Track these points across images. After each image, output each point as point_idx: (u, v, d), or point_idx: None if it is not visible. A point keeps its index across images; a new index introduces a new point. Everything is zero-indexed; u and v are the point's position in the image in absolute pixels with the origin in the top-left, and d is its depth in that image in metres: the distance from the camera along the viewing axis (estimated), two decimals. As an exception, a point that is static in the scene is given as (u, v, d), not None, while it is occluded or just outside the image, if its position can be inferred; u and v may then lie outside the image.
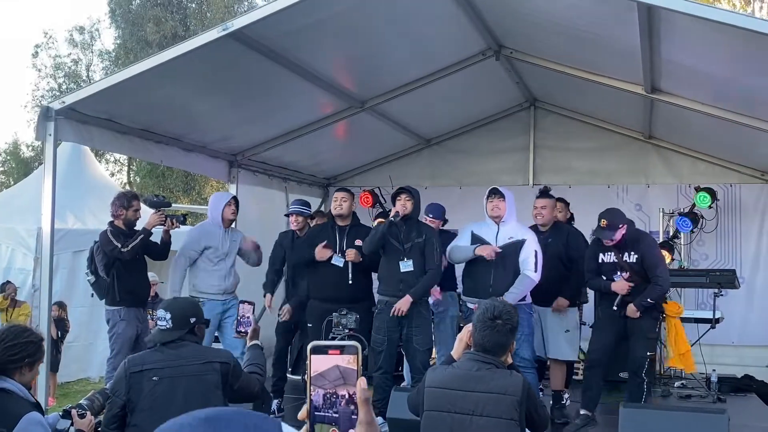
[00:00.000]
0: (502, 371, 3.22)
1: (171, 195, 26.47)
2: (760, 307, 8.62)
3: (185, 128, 7.06)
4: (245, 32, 5.49)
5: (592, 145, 9.35)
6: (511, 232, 6.08)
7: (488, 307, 3.27)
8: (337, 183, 10.26)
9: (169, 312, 3.68)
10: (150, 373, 3.50)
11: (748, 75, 5.73)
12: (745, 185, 8.82)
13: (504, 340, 3.24)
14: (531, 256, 5.98)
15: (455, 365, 3.30)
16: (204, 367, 3.57)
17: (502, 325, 3.22)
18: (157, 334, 3.68)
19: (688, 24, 4.83)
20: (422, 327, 5.97)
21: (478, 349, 3.25)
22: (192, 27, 27.69)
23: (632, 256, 6.07)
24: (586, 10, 5.45)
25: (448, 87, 7.69)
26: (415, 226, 6.15)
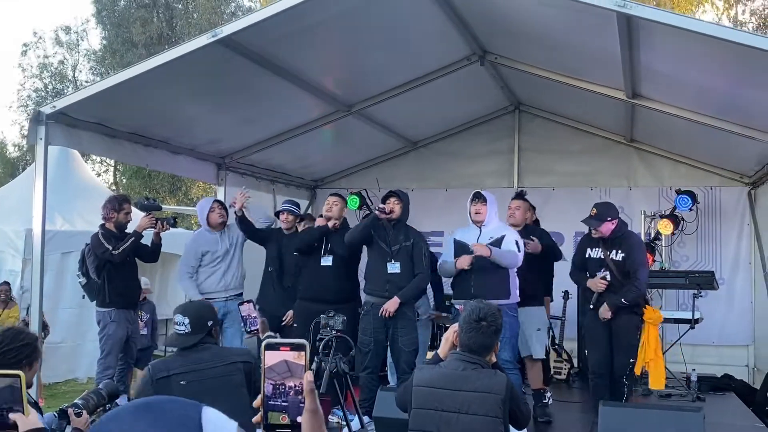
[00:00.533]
0: (487, 371, 3.35)
1: (157, 196, 26.45)
2: (739, 308, 8.80)
3: (174, 132, 7.16)
4: (234, 38, 5.59)
5: (575, 148, 9.50)
6: (491, 233, 6.19)
7: (474, 309, 3.40)
8: (324, 185, 10.38)
9: (187, 317, 3.71)
10: (178, 377, 3.54)
11: (726, 82, 5.89)
12: (725, 188, 8.99)
13: (488, 341, 3.37)
14: (512, 244, 6.09)
15: (442, 365, 3.42)
16: (228, 368, 3.62)
17: (487, 326, 3.35)
18: (176, 339, 3.71)
19: (666, 33, 4.97)
20: (407, 328, 6.08)
21: (464, 350, 3.38)
22: (178, 28, 27.69)
23: (619, 254, 6.15)
24: (567, 20, 5.57)
25: (434, 91, 7.81)
26: (403, 230, 6.25)
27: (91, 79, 30.18)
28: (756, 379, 8.47)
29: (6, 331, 3.22)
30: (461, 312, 3.52)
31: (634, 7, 4.70)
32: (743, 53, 4.72)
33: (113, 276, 6.31)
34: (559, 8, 5.19)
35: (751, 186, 8.79)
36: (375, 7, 5.79)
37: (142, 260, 6.76)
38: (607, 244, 6.21)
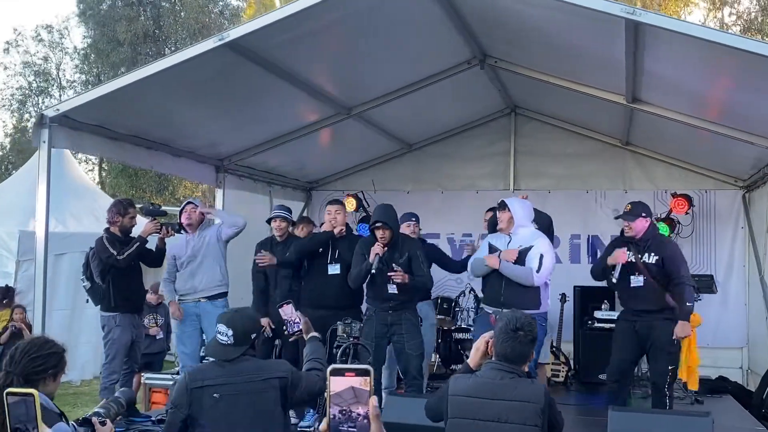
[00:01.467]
0: (525, 380, 3.37)
1: (144, 195, 26.32)
2: (733, 310, 8.89)
3: (175, 134, 7.16)
4: (239, 42, 5.60)
5: (570, 151, 9.56)
6: (521, 241, 6.06)
7: (510, 318, 3.41)
8: (319, 187, 10.39)
9: (232, 328, 3.61)
10: (211, 389, 3.49)
11: (725, 87, 5.97)
12: (719, 191, 9.08)
13: (525, 350, 3.39)
14: (536, 257, 5.95)
15: (478, 374, 3.43)
16: (263, 384, 3.54)
17: (524, 336, 3.37)
18: (218, 349, 3.64)
19: (671, 40, 5.02)
20: (412, 333, 6.06)
21: (501, 359, 3.39)
22: (165, 26, 27.53)
23: (653, 257, 6.01)
24: (573, 25, 5.61)
25: (432, 94, 7.84)
26: (397, 247, 6.13)
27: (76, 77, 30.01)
28: (750, 381, 8.57)
29: (35, 339, 3.21)
30: (493, 323, 3.52)
31: (643, 15, 4.75)
32: (743, 59, 4.78)
33: (118, 280, 6.29)
34: (566, 14, 5.21)
35: (746, 189, 8.88)
36: (378, 12, 5.81)
37: (146, 265, 6.75)
38: (638, 248, 6.06)
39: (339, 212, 6.61)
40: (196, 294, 6.85)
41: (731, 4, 26.79)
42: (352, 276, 6.19)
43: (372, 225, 6.17)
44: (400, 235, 6.27)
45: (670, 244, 6.29)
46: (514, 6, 5.65)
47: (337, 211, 6.60)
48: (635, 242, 6.08)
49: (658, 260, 5.99)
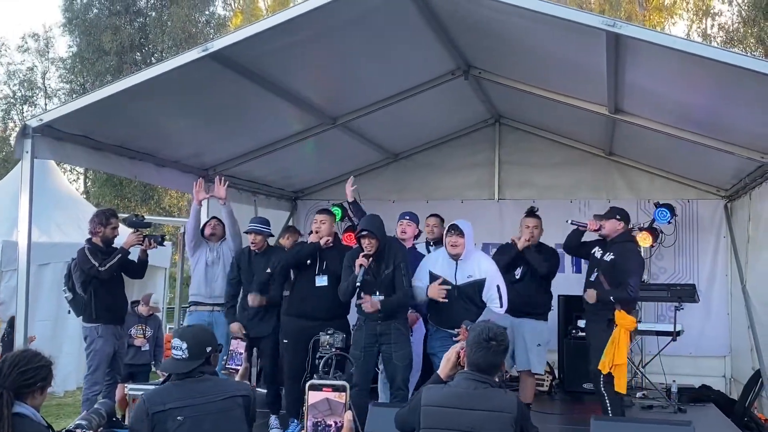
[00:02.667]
0: (497, 390, 3.39)
1: (129, 205, 26.26)
2: (716, 319, 8.95)
3: (159, 144, 7.14)
4: (223, 52, 5.60)
5: (554, 161, 9.62)
6: (470, 270, 6.01)
7: (483, 329, 3.44)
8: (305, 197, 10.39)
9: (185, 341, 3.53)
10: (174, 412, 3.37)
11: (706, 99, 6.02)
12: (702, 201, 9.16)
13: (497, 360, 3.43)
14: (494, 292, 5.94)
15: (451, 384, 3.45)
16: (227, 403, 3.46)
17: (497, 346, 3.40)
18: (172, 364, 3.55)
19: (652, 51, 5.07)
20: (401, 343, 6.02)
21: (473, 369, 3.41)
22: (151, 36, 27.51)
23: (608, 255, 6.21)
24: (555, 37, 5.65)
25: (417, 104, 7.86)
26: (384, 256, 6.07)
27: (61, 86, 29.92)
28: (733, 390, 8.62)
29: (24, 352, 3.20)
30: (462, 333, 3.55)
31: (624, 27, 4.80)
32: (725, 71, 4.84)
33: (100, 291, 6.27)
34: (548, 25, 5.25)
35: (728, 199, 8.96)
36: (363, 23, 5.83)
37: (128, 276, 6.74)
38: (605, 246, 6.32)
39: (325, 222, 6.57)
40: (212, 299, 6.98)
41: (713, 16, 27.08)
42: (341, 290, 6.15)
43: (358, 234, 6.15)
44: (387, 244, 6.19)
45: (628, 249, 6.32)
46: (497, 18, 5.68)
47: (322, 221, 6.55)
48: (605, 242, 6.34)
49: (612, 260, 6.17)
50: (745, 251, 8.11)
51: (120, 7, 27.21)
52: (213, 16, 29.78)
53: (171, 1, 27.43)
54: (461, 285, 6.00)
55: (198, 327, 3.81)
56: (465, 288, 5.99)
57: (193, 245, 7.09)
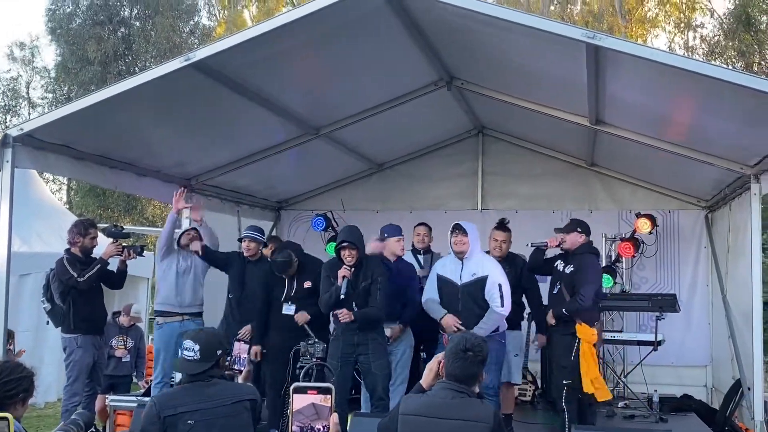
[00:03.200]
0: (475, 400, 3.41)
1: (112, 215, 26.12)
2: (697, 329, 9.00)
3: (140, 154, 7.11)
4: (206, 62, 5.60)
5: (537, 172, 9.66)
6: (474, 268, 6.18)
7: (461, 339, 3.47)
8: (288, 206, 10.38)
9: (198, 343, 3.67)
10: (185, 416, 3.50)
11: (686, 110, 6.09)
12: (683, 211, 9.22)
13: (475, 370, 3.44)
14: (495, 290, 6.08)
15: (429, 394, 3.47)
16: (236, 408, 3.60)
17: (473, 356, 3.42)
18: (183, 364, 3.68)
19: (632, 63, 5.12)
20: (379, 353, 6.05)
21: (451, 379, 3.43)
22: (135, 46, 27.45)
23: (568, 267, 6.36)
24: (536, 49, 5.70)
25: (400, 114, 7.88)
26: (363, 269, 6.14)
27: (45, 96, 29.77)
28: (714, 399, 8.66)
29: (5, 363, 3.19)
30: (446, 344, 3.59)
31: (603, 39, 4.84)
32: (705, 83, 4.90)
33: (78, 302, 6.24)
34: (529, 37, 5.29)
35: (708, 210, 9.03)
36: (346, 34, 5.85)
37: (108, 287, 6.71)
38: (566, 259, 6.43)
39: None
40: (183, 308, 6.96)
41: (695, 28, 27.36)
42: (323, 302, 6.17)
43: (338, 245, 6.17)
44: (365, 257, 6.27)
45: (586, 262, 6.41)
46: (479, 29, 5.71)
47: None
48: (567, 255, 6.44)
49: (571, 272, 6.31)
50: (726, 261, 8.15)
51: (104, 17, 27.15)
52: (197, 26, 29.75)
53: (155, 11, 27.39)
54: (465, 283, 6.15)
55: (209, 330, 4.00)
56: (468, 286, 6.14)
57: (164, 252, 7.03)
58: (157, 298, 7.16)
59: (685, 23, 27.42)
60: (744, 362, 6.98)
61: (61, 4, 27.45)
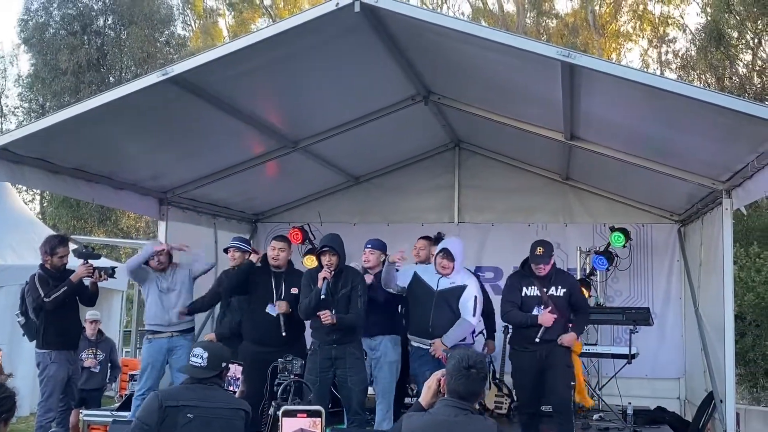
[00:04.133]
0: (478, 417, 3.44)
1: (86, 226, 25.87)
2: (670, 342, 9.10)
3: (117, 167, 7.11)
4: (184, 76, 5.62)
5: (512, 186, 9.74)
6: (453, 278, 6.35)
7: (463, 356, 3.48)
8: (265, 219, 10.37)
9: (207, 351, 3.93)
10: (186, 409, 3.71)
11: (659, 127, 6.19)
12: (656, 225, 9.34)
13: (478, 387, 3.46)
14: (471, 301, 6.23)
15: (431, 411, 3.48)
16: (233, 413, 3.81)
17: (477, 373, 3.44)
18: (190, 369, 3.91)
19: (606, 81, 5.22)
20: (356, 367, 6.09)
21: (453, 396, 3.44)
22: (109, 55, 27.29)
23: (559, 290, 6.37)
24: (512, 65, 5.78)
25: (378, 128, 7.93)
26: (342, 277, 6.23)
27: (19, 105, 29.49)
28: (687, 411, 8.76)
29: None
30: (444, 361, 3.64)
31: (578, 57, 4.93)
32: (677, 101, 5.00)
33: (52, 317, 6.21)
34: (505, 54, 5.37)
35: (681, 224, 9.16)
36: (324, 49, 5.90)
37: (81, 303, 6.66)
38: (543, 282, 6.39)
39: (283, 250, 6.64)
40: (170, 327, 6.95)
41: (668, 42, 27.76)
42: (302, 307, 6.21)
43: (319, 250, 6.22)
44: (346, 266, 6.35)
45: (572, 277, 6.70)
46: (455, 46, 5.79)
47: (281, 249, 6.62)
48: (539, 277, 6.38)
49: (565, 293, 6.36)
50: (698, 275, 8.27)
51: (77, 27, 26.95)
52: (173, 35, 29.63)
53: (130, 21, 27.25)
54: (442, 289, 6.28)
55: (219, 344, 4.33)
56: (444, 292, 6.27)
57: (135, 278, 7.09)
58: (146, 318, 7.14)
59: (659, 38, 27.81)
60: (716, 375, 7.08)
61: (34, 14, 27.24)
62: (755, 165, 5.53)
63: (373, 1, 5.08)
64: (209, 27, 33.00)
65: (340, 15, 5.19)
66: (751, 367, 12.81)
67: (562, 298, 6.35)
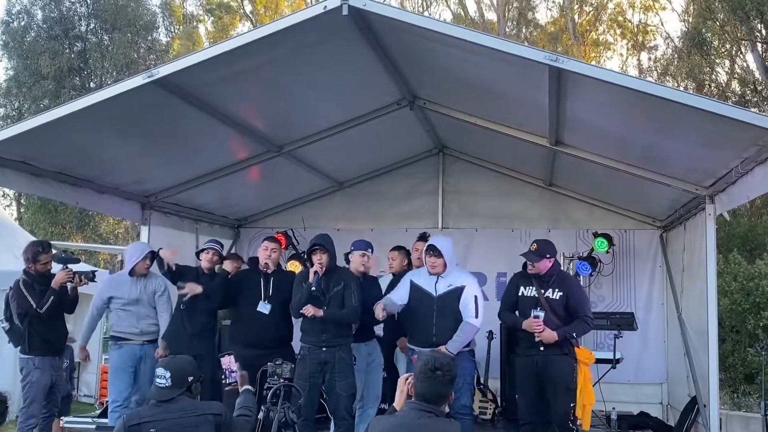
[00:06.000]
0: (442, 419, 3.42)
1: (64, 231, 25.63)
2: (653, 347, 9.15)
3: (100, 171, 7.04)
4: (169, 79, 5.57)
5: (496, 191, 9.76)
6: (450, 279, 6.19)
7: (428, 359, 3.47)
8: (248, 224, 10.32)
9: (169, 371, 3.90)
10: (148, 425, 3.74)
11: (643, 132, 6.23)
12: (638, 231, 9.39)
13: (443, 390, 3.43)
14: (471, 302, 6.07)
15: (397, 414, 3.47)
16: (199, 419, 3.81)
17: (442, 376, 3.41)
18: (155, 391, 3.90)
19: (592, 85, 5.23)
20: (345, 372, 6.04)
21: (420, 399, 3.42)
22: (91, 60, 27.08)
23: (556, 293, 6.16)
24: (498, 70, 5.78)
25: (363, 133, 7.92)
26: (334, 276, 6.20)
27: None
28: (670, 416, 8.81)
29: None
30: (414, 363, 3.59)
31: (566, 62, 4.94)
32: (659, 105, 5.02)
33: (37, 323, 6.11)
34: (491, 59, 5.37)
35: (663, 229, 9.21)
36: (310, 53, 5.87)
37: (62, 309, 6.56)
38: (541, 283, 6.22)
39: (275, 251, 6.62)
40: (143, 336, 6.80)
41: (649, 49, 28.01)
42: (293, 305, 6.17)
43: (310, 249, 6.21)
44: (337, 266, 6.34)
45: (572, 280, 6.55)
46: (441, 50, 5.78)
47: (273, 249, 6.60)
48: (538, 277, 6.24)
49: (562, 296, 6.17)
50: (680, 280, 8.32)
51: (59, 31, 26.73)
52: (155, 42, 29.47)
53: (113, 26, 27.07)
54: (441, 294, 6.14)
55: (182, 358, 4.17)
56: (444, 296, 6.13)
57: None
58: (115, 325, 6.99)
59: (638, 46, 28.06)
60: (700, 380, 7.12)
61: (15, 17, 26.99)
62: (739, 170, 5.56)
63: (361, 4, 5.06)
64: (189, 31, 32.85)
65: (327, 18, 5.16)
66: (731, 373, 12.89)
67: (558, 301, 6.14)
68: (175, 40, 31.89)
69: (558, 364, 6.09)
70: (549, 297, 6.17)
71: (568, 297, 6.17)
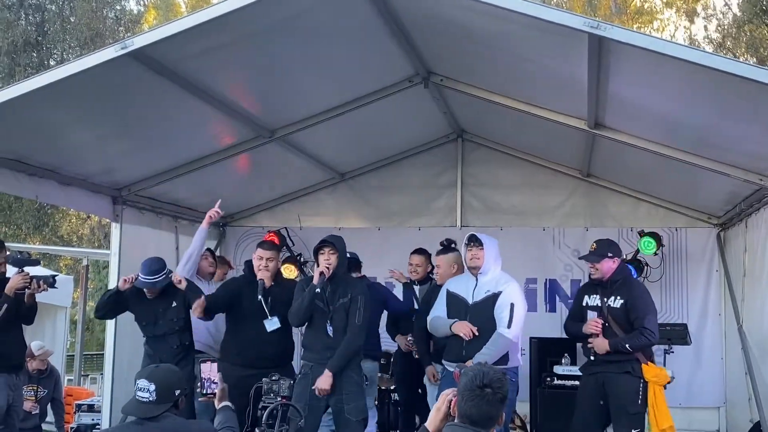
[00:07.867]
0: None
1: (20, 232, 25.71)
2: (708, 365, 9.12)
3: (63, 158, 7.04)
4: (145, 51, 5.56)
5: (525, 183, 9.76)
6: (489, 285, 6.22)
7: (477, 373, 3.31)
8: (235, 223, 10.32)
9: (154, 383, 3.74)
10: None
11: (700, 112, 6.20)
12: (691, 229, 9.37)
13: (494, 410, 3.28)
14: (506, 309, 6.08)
15: None
16: None
17: (492, 394, 3.26)
18: (136, 407, 3.75)
19: (639, 57, 5.20)
20: (354, 394, 6.01)
21: (465, 421, 3.28)
22: (51, 33, 27.15)
23: (617, 300, 6.23)
24: (530, 40, 5.76)
25: (369, 116, 7.92)
26: (342, 283, 6.17)
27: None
28: (729, 446, 8.78)
29: None
30: (457, 379, 3.50)
31: (608, 29, 4.90)
32: (721, 80, 4.96)
33: (-9, 337, 6.12)
34: (521, 27, 5.35)
35: (721, 228, 9.18)
36: (307, 21, 5.84)
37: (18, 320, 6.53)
38: (605, 290, 6.30)
39: (272, 260, 6.61)
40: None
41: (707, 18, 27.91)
42: (293, 310, 6.16)
43: (318, 247, 6.20)
44: (346, 275, 6.34)
45: (637, 288, 6.49)
46: (462, 16, 5.77)
47: (269, 259, 6.56)
48: (603, 284, 6.29)
49: (622, 304, 6.20)
50: (741, 287, 8.29)
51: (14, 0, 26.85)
52: (124, 12, 29.53)
53: (75, -6, 27.20)
54: (477, 301, 6.19)
55: (166, 368, 4.02)
56: (479, 304, 6.17)
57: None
58: None
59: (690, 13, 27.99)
60: (764, 402, 7.09)
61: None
62: (811, 156, 5.54)
63: (367, -37, 5.05)
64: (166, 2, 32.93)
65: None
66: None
67: (619, 310, 6.20)
68: (149, 11, 31.96)
69: (616, 383, 6.13)
70: (610, 305, 6.22)
71: (627, 305, 6.20)
